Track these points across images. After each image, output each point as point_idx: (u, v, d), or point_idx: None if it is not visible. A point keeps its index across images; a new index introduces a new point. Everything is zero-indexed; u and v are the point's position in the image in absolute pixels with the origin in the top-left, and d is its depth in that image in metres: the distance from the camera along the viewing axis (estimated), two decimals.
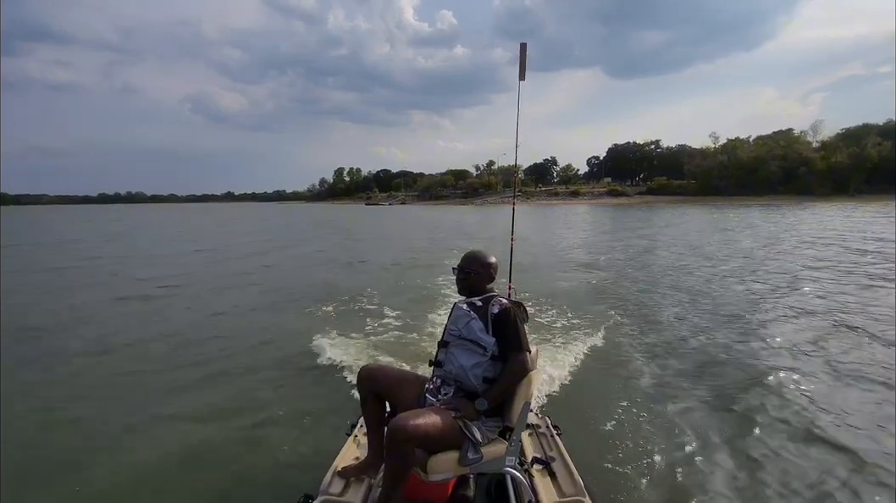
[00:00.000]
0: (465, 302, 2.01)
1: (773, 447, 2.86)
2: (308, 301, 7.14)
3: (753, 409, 3.35)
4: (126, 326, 5.99)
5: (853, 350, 4.50)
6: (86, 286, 9.05)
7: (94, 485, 2.66)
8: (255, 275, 10.24)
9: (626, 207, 49.68)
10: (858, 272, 8.58)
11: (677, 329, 5.44)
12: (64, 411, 3.59)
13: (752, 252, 12.01)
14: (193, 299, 7.73)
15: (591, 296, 7.30)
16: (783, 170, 58.56)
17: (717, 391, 3.70)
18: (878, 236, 14.54)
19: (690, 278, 8.68)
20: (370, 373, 1.98)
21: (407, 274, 9.76)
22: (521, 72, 2.86)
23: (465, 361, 1.86)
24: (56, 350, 5.04)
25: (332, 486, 1.89)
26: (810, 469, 2.62)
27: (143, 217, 49.28)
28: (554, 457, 2.10)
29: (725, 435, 3.01)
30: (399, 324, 5.68)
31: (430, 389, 1.92)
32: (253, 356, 4.73)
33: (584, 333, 5.14)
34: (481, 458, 1.70)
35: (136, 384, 4.10)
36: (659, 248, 13.77)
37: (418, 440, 1.62)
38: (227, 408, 3.54)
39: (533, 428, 2.38)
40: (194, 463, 2.83)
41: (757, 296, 6.94)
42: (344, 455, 2.12)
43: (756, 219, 25.45)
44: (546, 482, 1.95)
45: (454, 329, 1.97)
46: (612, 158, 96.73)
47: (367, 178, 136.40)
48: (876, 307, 5.99)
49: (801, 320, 5.63)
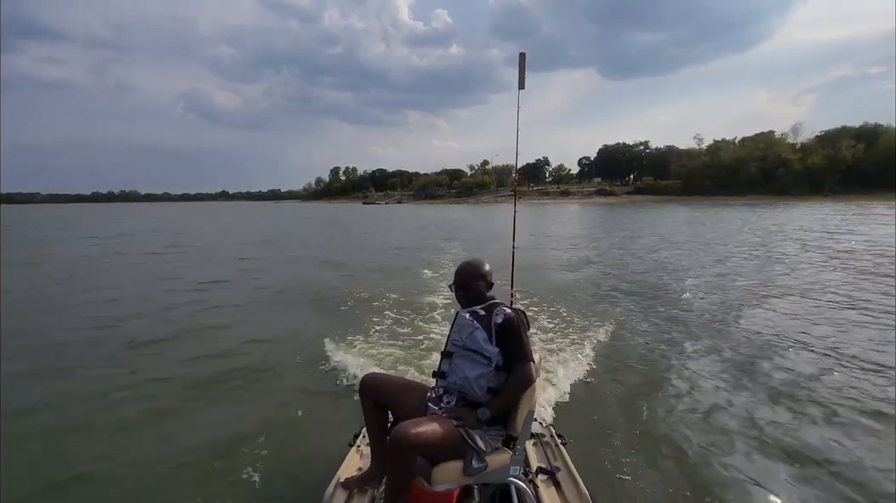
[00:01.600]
0: (468, 311, 2.01)
1: (787, 457, 2.76)
2: (314, 306, 7.05)
3: (767, 419, 3.25)
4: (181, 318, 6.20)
5: (870, 349, 4.51)
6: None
7: (93, 487, 2.65)
8: (267, 277, 9.63)
9: (614, 206, 52.20)
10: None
11: (684, 332, 5.30)
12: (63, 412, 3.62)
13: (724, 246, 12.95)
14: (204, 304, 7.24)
15: (591, 299, 7.21)
16: (763, 171, 61.26)
17: (728, 399, 3.58)
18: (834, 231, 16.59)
19: (685, 275, 8.94)
20: (373, 382, 1.98)
21: (412, 278, 9.26)
22: (521, 81, 2.89)
23: (470, 372, 1.87)
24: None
25: (335, 498, 1.89)
26: (828, 485, 2.51)
27: (157, 214, 50.16)
28: (559, 468, 2.08)
29: (736, 446, 2.90)
30: (402, 332, 5.55)
31: (431, 398, 1.93)
32: (255, 364, 4.67)
33: (588, 339, 5.03)
34: (486, 467, 1.69)
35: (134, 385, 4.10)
36: (651, 244, 14.55)
37: (420, 448, 1.62)
38: (228, 418, 3.52)
39: (537, 437, 2.36)
40: (194, 473, 2.80)
41: (761, 296, 6.94)
42: (347, 465, 2.11)
43: (727, 215, 27.86)
44: (551, 492, 1.93)
45: (457, 339, 1.96)
46: (603, 159, 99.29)
47: (363, 177, 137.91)
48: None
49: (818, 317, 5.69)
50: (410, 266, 10.60)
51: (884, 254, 10.37)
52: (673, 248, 13.37)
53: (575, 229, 22.28)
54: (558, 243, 15.47)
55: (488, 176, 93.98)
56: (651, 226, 22.76)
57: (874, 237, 13.87)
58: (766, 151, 63.20)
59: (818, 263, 9.66)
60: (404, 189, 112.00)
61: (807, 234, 15.47)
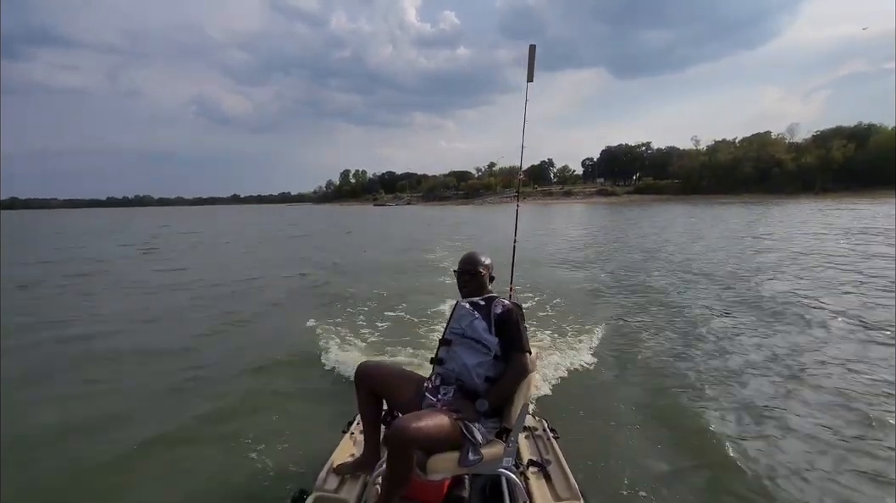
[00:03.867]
0: (468, 301, 2.05)
1: (775, 449, 2.84)
2: (313, 298, 7.61)
3: (755, 411, 3.31)
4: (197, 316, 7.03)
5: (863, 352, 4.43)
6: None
7: (92, 476, 2.73)
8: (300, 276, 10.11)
9: (614, 205, 55.13)
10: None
11: (675, 330, 5.39)
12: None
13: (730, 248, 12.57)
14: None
15: (586, 296, 7.38)
16: (757, 170, 63.81)
17: (717, 395, 3.65)
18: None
19: (679, 272, 9.22)
20: (368, 371, 1.99)
21: (414, 273, 9.95)
22: (530, 73, 2.89)
23: (469, 360, 1.90)
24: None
25: (328, 483, 1.93)
26: (815, 471, 2.60)
27: (187, 218, 52.82)
28: (550, 460, 2.12)
29: (725, 439, 2.96)
30: (400, 321, 5.78)
31: (428, 388, 1.94)
32: (252, 351, 4.84)
33: (582, 335, 5.12)
34: (481, 460, 1.73)
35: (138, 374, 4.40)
36: (646, 242, 15.21)
37: (421, 443, 1.65)
38: (224, 404, 3.62)
39: (529, 430, 2.40)
40: (188, 456, 2.88)
41: (752, 298, 6.86)
42: (340, 451, 2.16)
43: (723, 214, 29.94)
44: (541, 485, 1.96)
45: (457, 327, 1.99)
46: (605, 160, 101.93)
47: (373, 179, 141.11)
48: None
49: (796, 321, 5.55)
50: (412, 259, 12.25)
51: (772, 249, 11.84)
52: (664, 242, 14.51)
53: (572, 226, 24.70)
54: (554, 238, 17.32)
55: (494, 178, 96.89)
56: (643, 222, 24.79)
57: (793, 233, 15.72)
58: (759, 152, 65.70)
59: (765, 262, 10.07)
60: (413, 191, 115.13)
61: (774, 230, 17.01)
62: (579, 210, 47.14)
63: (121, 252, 16.86)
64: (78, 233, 29.98)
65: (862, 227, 16.10)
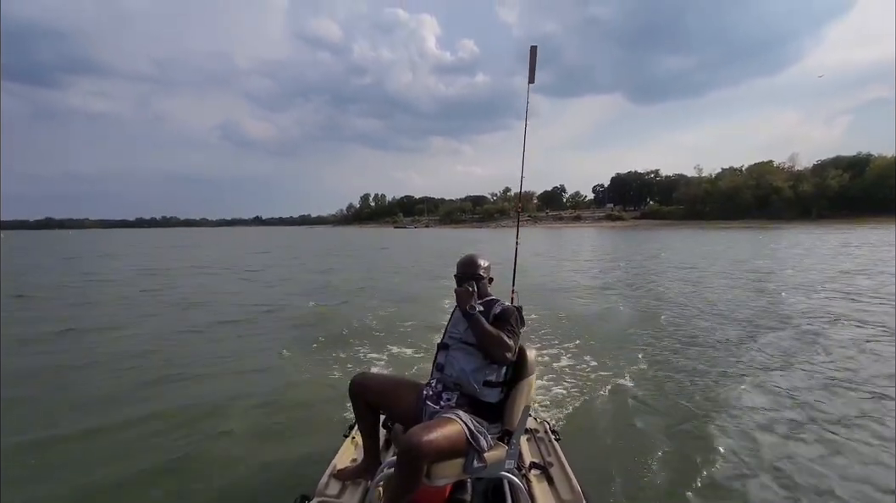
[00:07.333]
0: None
1: (775, 455, 2.83)
2: (324, 302, 7.82)
3: (753, 418, 3.33)
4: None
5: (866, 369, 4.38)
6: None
7: (93, 482, 2.71)
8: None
9: (619, 230, 59.24)
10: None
11: (676, 336, 5.43)
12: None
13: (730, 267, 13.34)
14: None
15: (587, 303, 7.47)
16: (757, 197, 67.39)
17: (720, 398, 3.67)
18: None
19: (676, 284, 9.65)
20: (362, 382, 1.98)
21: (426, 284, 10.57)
22: (531, 74, 2.87)
23: (467, 365, 1.89)
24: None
25: (329, 488, 1.92)
26: (816, 476, 2.59)
27: (222, 240, 54.94)
28: (552, 463, 2.11)
29: (726, 443, 2.96)
30: (402, 330, 5.85)
31: (429, 394, 1.93)
32: (255, 357, 4.88)
33: (584, 340, 5.17)
34: (485, 467, 1.73)
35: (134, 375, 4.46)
36: (646, 260, 16.25)
37: (433, 456, 1.64)
38: (225, 408, 3.64)
39: (531, 433, 2.39)
40: (192, 462, 2.87)
41: (754, 309, 7.05)
42: (341, 456, 2.15)
43: (721, 239, 31.82)
44: (543, 487, 1.95)
45: (455, 332, 1.98)
46: (615, 186, 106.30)
47: (392, 203, 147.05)
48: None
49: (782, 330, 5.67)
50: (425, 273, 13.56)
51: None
52: (661, 261, 15.90)
53: (580, 246, 27.91)
54: (560, 254, 19.59)
55: (508, 203, 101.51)
56: (647, 244, 27.11)
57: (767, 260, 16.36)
58: (759, 180, 69.42)
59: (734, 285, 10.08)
60: (430, 214, 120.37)
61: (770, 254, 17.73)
62: (588, 234, 50.08)
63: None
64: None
65: (846, 250, 17.12)
